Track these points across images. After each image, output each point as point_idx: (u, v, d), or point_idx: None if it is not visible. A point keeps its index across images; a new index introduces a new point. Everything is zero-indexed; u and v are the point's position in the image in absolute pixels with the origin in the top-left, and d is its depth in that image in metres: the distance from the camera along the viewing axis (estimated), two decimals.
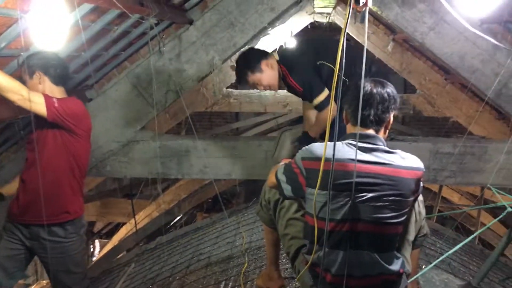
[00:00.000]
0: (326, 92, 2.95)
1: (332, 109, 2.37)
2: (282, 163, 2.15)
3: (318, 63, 2.96)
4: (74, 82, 3.65)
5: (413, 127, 9.04)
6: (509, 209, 2.49)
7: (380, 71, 3.27)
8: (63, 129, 2.72)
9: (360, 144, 1.87)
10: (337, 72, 1.61)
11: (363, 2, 1.73)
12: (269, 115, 8.40)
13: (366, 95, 1.88)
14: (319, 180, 1.81)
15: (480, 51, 3.69)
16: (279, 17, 4.20)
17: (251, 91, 7.01)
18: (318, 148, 1.90)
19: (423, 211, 2.29)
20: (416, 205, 2.22)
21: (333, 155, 1.68)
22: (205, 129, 9.47)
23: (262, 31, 4.24)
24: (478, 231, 2.99)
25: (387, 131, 2.01)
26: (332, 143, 1.82)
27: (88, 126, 2.91)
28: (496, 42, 3.34)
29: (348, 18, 1.66)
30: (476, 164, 3.86)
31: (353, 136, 1.91)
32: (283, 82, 3.14)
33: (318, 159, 1.83)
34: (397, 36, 6.26)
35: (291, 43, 6.33)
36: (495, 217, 4.88)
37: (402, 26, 3.80)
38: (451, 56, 3.74)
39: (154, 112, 3.82)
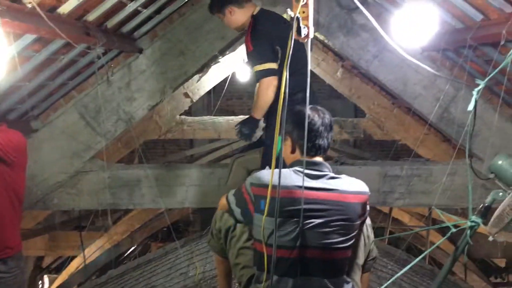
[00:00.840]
0: (270, 65, 2.88)
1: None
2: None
3: (277, 47, 2.90)
4: (18, 113, 3.54)
5: (365, 150, 9.28)
6: (453, 230, 2.57)
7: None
8: (3, 162, 2.62)
9: (307, 171, 1.90)
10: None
11: (305, 34, 1.78)
12: (224, 141, 8.41)
13: (315, 125, 1.94)
14: (266, 207, 1.82)
15: (422, 77, 3.86)
16: (230, 45, 4.25)
17: (205, 118, 7.01)
18: (266, 175, 1.92)
19: (372, 235, 2.33)
20: (364, 229, 2.26)
21: (279, 182, 1.69)
22: (159, 157, 9.36)
23: (213, 59, 4.28)
24: (426, 252, 3.07)
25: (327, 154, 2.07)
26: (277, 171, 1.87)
27: (26, 158, 2.86)
28: (432, 71, 3.50)
29: (291, 47, 1.70)
30: (423, 185, 3.98)
31: (300, 163, 1.94)
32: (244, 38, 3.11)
33: (266, 185, 1.85)
34: (346, 62, 6.48)
35: (244, 71, 6.41)
36: (444, 236, 5.04)
37: (348, 54, 3.94)
38: (395, 82, 3.90)
39: (103, 142, 3.74)
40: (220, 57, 4.71)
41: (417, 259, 2.83)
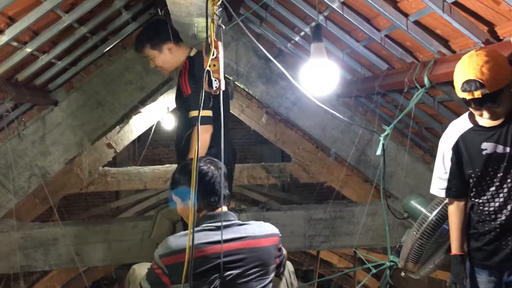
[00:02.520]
0: (208, 112, 2.76)
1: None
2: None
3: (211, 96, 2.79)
4: None
5: (293, 194, 9.40)
6: (373, 271, 2.64)
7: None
8: None
9: (215, 224, 1.89)
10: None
11: (216, 87, 1.81)
12: (151, 191, 8.20)
13: (213, 176, 1.94)
14: (184, 273, 1.74)
15: (339, 123, 4.04)
16: (150, 95, 4.23)
17: (130, 168, 6.82)
18: (173, 241, 1.87)
19: (295, 282, 2.33)
20: (287, 275, 2.26)
21: (193, 241, 1.64)
22: (82, 211, 8.92)
23: (134, 110, 4.22)
24: None
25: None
26: (185, 232, 1.84)
27: None
28: (343, 118, 3.67)
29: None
30: (346, 227, 4.09)
31: (205, 219, 1.93)
32: (178, 78, 2.96)
33: (176, 252, 1.81)
34: (270, 109, 6.64)
35: (169, 120, 6.36)
36: (372, 276, 5.15)
37: (268, 102, 4.06)
38: (314, 128, 4.05)
39: (15, 200, 3.51)
40: (141, 107, 4.66)
41: None
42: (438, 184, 2.24)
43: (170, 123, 6.65)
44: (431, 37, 2.46)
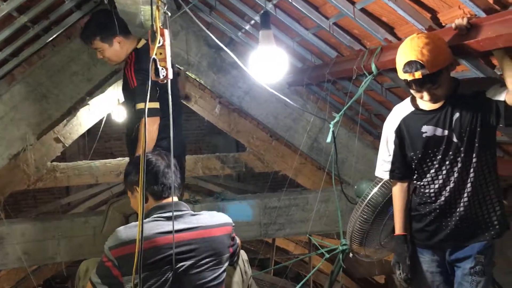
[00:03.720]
0: (155, 104, 2.73)
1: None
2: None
3: (157, 87, 2.72)
4: None
5: (249, 183, 9.43)
6: (326, 256, 2.68)
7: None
8: None
9: (166, 215, 1.88)
10: None
11: (163, 75, 1.77)
12: (104, 185, 8.00)
13: (160, 167, 1.93)
14: (135, 264, 1.71)
15: (291, 111, 4.06)
16: (98, 87, 4.10)
17: (80, 162, 6.61)
18: (123, 232, 1.85)
19: (249, 270, 2.33)
20: (241, 264, 2.27)
21: (142, 232, 1.61)
22: (30, 208, 8.59)
23: (81, 102, 4.08)
24: (305, 279, 3.17)
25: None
26: (135, 223, 1.83)
27: None
28: (296, 105, 3.69)
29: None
30: (301, 214, 4.13)
31: (156, 209, 1.91)
32: (124, 70, 2.91)
33: (126, 243, 1.79)
34: (223, 99, 6.60)
35: (119, 112, 6.21)
36: (327, 260, 5.25)
37: (220, 91, 4.02)
38: (267, 117, 4.05)
39: None
40: (89, 99, 4.51)
41: (299, 285, 2.92)
42: (383, 166, 2.30)
43: (121, 115, 6.50)
44: (377, 25, 2.51)
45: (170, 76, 1.79)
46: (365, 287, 7.20)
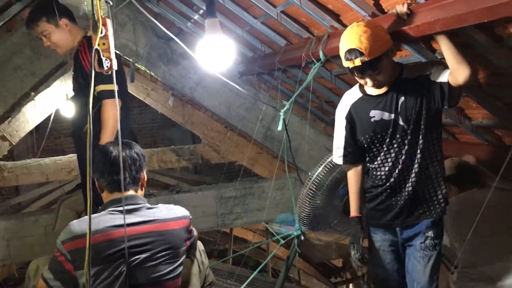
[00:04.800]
0: (113, 86, 2.68)
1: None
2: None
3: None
4: None
5: (206, 175, 9.39)
6: (282, 242, 2.72)
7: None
8: None
9: (121, 208, 1.83)
10: None
11: (107, 66, 1.73)
12: (55, 183, 7.77)
13: (117, 159, 1.87)
14: (87, 258, 1.68)
15: (244, 101, 4.07)
16: (43, 81, 3.96)
17: (29, 161, 6.39)
18: (76, 225, 1.80)
19: (206, 260, 2.33)
20: (198, 255, 2.26)
21: (89, 226, 1.57)
22: None
23: (25, 97, 3.93)
24: (261, 265, 3.21)
25: (144, 187, 2.02)
26: (92, 216, 1.76)
27: None
28: (243, 90, 3.70)
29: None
30: (257, 203, 4.16)
31: (112, 203, 1.87)
32: (74, 57, 2.82)
33: (79, 236, 1.75)
34: (175, 91, 6.53)
35: (68, 107, 6.02)
36: (285, 247, 5.32)
37: (171, 83, 3.98)
38: (219, 107, 4.04)
39: None
40: (34, 94, 4.35)
41: (254, 272, 2.95)
42: (337, 152, 2.35)
43: (70, 111, 6.30)
44: (324, 12, 2.54)
45: (115, 67, 1.75)
46: (323, 271, 7.36)
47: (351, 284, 8.17)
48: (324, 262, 7.50)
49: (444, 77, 2.01)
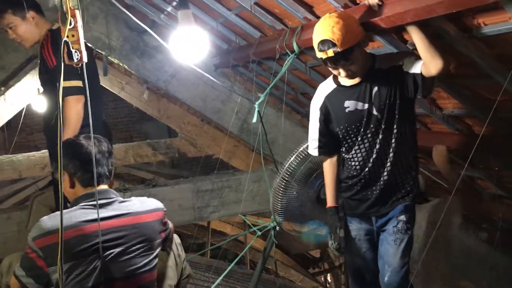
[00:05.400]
0: (78, 83, 2.60)
1: None
2: None
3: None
4: None
5: (183, 169, 9.34)
6: (259, 233, 2.73)
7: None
8: None
9: (94, 203, 1.82)
10: None
11: (77, 59, 1.70)
12: (28, 180, 7.63)
13: (89, 154, 1.85)
14: (59, 254, 1.66)
15: (219, 93, 4.05)
16: (12, 76, 3.87)
17: (1, 157, 6.25)
18: (47, 221, 1.78)
19: (183, 253, 2.33)
20: (174, 248, 2.25)
21: (61, 222, 1.54)
22: None
23: None
24: (238, 256, 3.22)
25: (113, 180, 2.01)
26: (65, 211, 1.77)
27: None
28: (218, 82, 3.69)
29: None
30: (234, 195, 4.16)
31: (85, 197, 1.85)
32: (40, 51, 2.76)
33: (50, 232, 1.72)
34: (151, 84, 6.46)
35: (40, 102, 5.90)
36: (260, 240, 5.34)
37: (145, 76, 3.94)
38: (195, 100, 4.02)
39: None
40: (4, 89, 4.25)
41: (231, 265, 2.97)
42: (312, 144, 2.37)
43: (41, 106, 6.18)
44: (297, 4, 2.54)
45: (85, 59, 1.72)
46: (302, 262, 7.42)
47: (329, 274, 8.28)
48: (302, 253, 7.56)
49: (417, 68, 2.04)
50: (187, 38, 2.33)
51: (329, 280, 8.37)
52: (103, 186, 1.91)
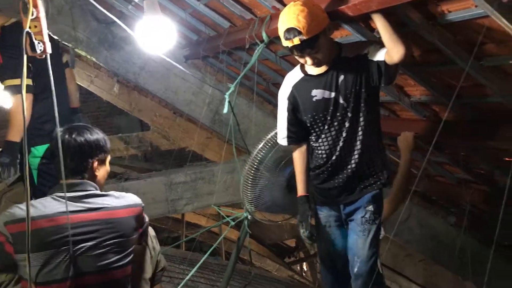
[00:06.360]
0: (19, 81, 2.66)
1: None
2: None
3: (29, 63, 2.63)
4: None
5: (156, 162, 9.25)
6: (232, 224, 2.74)
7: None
8: None
9: (69, 195, 1.78)
10: None
11: (40, 50, 1.66)
12: None
13: (64, 146, 1.82)
14: (28, 242, 1.64)
15: (190, 85, 4.03)
16: None
17: None
18: (22, 208, 1.74)
19: (157, 246, 2.31)
20: (149, 241, 2.23)
21: (28, 212, 1.52)
22: None
23: None
24: (212, 247, 3.23)
25: (97, 173, 1.96)
26: (39, 200, 1.76)
27: None
28: (189, 72, 3.67)
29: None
30: (208, 187, 4.16)
31: (59, 188, 1.82)
32: None
33: (23, 220, 1.68)
34: (121, 77, 6.36)
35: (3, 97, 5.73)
36: (235, 230, 5.35)
37: (114, 68, 3.88)
38: (166, 92, 3.98)
39: None
40: None
41: (205, 256, 2.97)
42: (281, 133, 2.37)
43: (6, 101, 6.02)
44: None
45: (49, 50, 1.68)
46: (277, 251, 7.49)
47: (304, 263, 8.38)
48: (277, 243, 7.62)
49: (381, 56, 2.06)
50: (153, 27, 2.30)
51: (305, 269, 8.48)
52: (77, 179, 1.86)
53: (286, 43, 2.03)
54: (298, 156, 2.37)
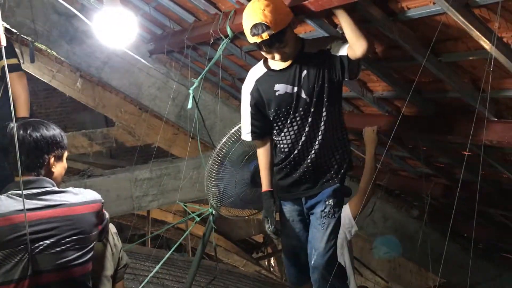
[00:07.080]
0: (14, 60, 2.71)
1: None
2: None
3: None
4: None
5: (122, 159, 9.11)
6: (197, 219, 2.72)
7: None
8: None
9: (26, 192, 1.73)
10: None
11: None
12: None
13: (18, 142, 1.76)
14: None
15: (155, 80, 3.98)
16: None
17: None
18: None
19: (119, 243, 2.27)
20: (110, 238, 2.20)
21: None
22: None
23: None
24: (177, 243, 3.21)
25: (54, 170, 1.91)
26: None
27: None
28: (151, 66, 3.62)
29: None
30: (173, 183, 4.13)
31: (14, 185, 1.77)
32: None
33: None
34: (83, 71, 6.22)
35: None
36: (201, 226, 5.33)
37: (75, 63, 3.79)
38: (130, 87, 3.92)
39: None
40: None
41: (169, 252, 2.94)
42: (245, 129, 2.36)
43: None
44: None
45: (4, 43, 1.62)
46: (245, 247, 7.50)
47: (272, 258, 8.43)
48: (245, 239, 7.64)
49: (343, 51, 2.09)
50: (113, 20, 2.25)
51: (273, 264, 8.53)
52: (33, 176, 1.81)
53: (253, 39, 2.02)
54: (262, 152, 2.37)
